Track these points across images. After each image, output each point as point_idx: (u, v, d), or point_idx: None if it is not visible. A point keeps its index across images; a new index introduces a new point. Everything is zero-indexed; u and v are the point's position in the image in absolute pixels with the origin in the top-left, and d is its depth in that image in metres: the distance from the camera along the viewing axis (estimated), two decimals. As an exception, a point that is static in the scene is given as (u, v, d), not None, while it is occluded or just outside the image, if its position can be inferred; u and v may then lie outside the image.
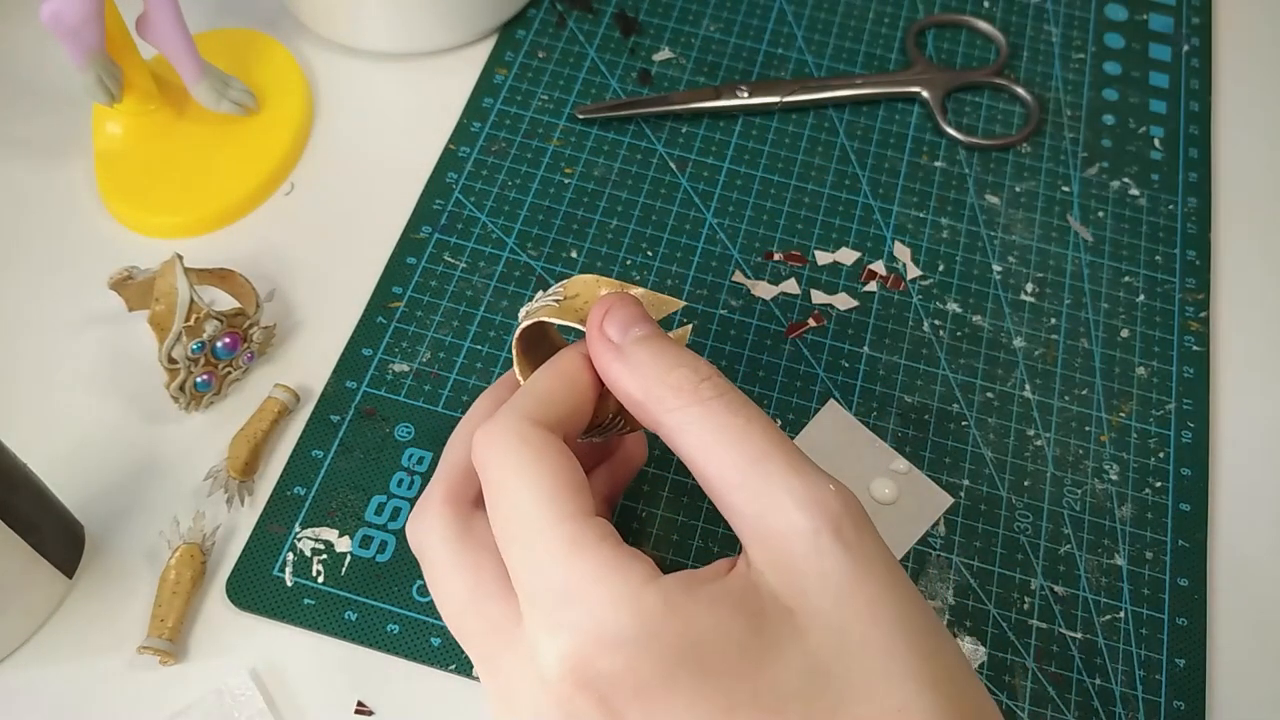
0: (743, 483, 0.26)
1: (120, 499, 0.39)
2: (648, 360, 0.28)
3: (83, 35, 0.40)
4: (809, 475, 0.26)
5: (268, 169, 0.45)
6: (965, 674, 0.25)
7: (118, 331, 0.42)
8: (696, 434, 0.26)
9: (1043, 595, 0.38)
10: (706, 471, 0.26)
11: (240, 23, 0.50)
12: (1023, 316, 0.43)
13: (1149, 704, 0.36)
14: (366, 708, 0.35)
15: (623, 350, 0.28)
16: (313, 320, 0.43)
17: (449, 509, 0.29)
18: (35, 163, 0.46)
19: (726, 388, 0.27)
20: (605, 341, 0.28)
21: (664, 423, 0.27)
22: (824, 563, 0.25)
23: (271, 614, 0.36)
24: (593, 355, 0.29)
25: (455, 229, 0.45)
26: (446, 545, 0.28)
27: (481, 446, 0.27)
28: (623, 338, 0.28)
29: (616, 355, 0.28)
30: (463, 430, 0.31)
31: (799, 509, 0.25)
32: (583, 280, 0.31)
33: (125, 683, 0.35)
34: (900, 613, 0.25)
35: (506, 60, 0.49)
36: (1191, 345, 0.43)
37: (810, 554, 0.25)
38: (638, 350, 0.28)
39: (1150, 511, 0.39)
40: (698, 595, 0.25)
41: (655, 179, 0.46)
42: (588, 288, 0.30)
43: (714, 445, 0.26)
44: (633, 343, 0.28)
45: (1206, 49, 0.52)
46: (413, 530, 0.30)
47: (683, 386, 0.27)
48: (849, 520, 0.25)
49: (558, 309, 0.30)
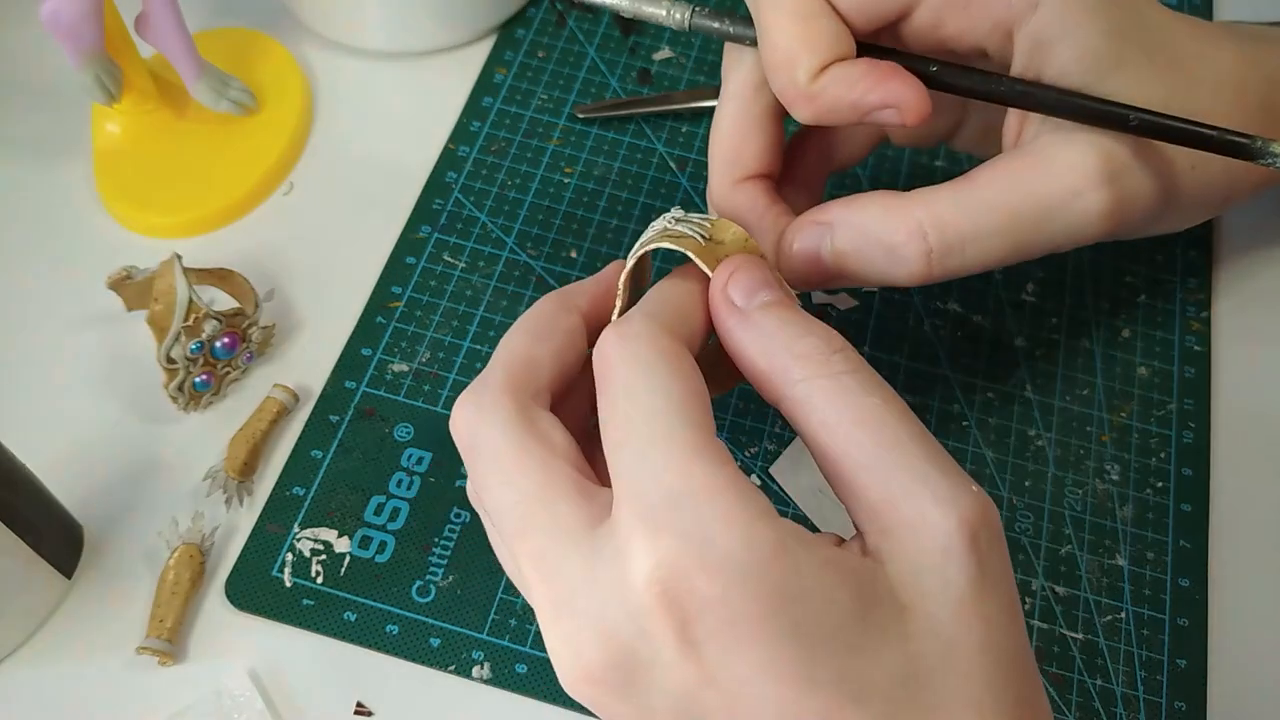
0: (872, 465, 0.24)
1: (119, 499, 0.38)
2: (774, 328, 0.26)
3: (81, 35, 0.40)
4: (951, 473, 0.24)
5: (267, 168, 0.45)
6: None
7: (116, 331, 0.42)
8: (824, 408, 0.25)
9: (1043, 596, 0.38)
10: (831, 449, 0.25)
11: (240, 22, 0.50)
12: (1024, 316, 0.43)
13: (1150, 704, 0.36)
14: (366, 708, 0.35)
15: (747, 315, 0.27)
16: (312, 320, 0.43)
17: (511, 399, 0.26)
18: (34, 162, 0.46)
19: (860, 363, 0.26)
20: (729, 305, 0.27)
21: (788, 395, 0.26)
22: (950, 569, 0.23)
23: (270, 615, 0.36)
24: (715, 318, 0.27)
25: (455, 229, 0.45)
26: (512, 435, 0.26)
27: (611, 345, 0.25)
28: (748, 302, 0.27)
29: (741, 320, 0.27)
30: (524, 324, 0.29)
31: (937, 505, 0.23)
32: (733, 230, 0.29)
33: (124, 683, 0.35)
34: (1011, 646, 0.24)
35: (506, 59, 0.49)
36: (1193, 345, 0.43)
37: (938, 556, 0.23)
38: (764, 317, 0.27)
39: (1151, 512, 0.39)
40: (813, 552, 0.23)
41: (655, 178, 0.46)
42: (736, 241, 0.29)
43: (843, 422, 0.25)
44: (759, 308, 0.27)
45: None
46: (466, 419, 0.27)
47: (812, 356, 0.25)
48: (986, 531, 0.24)
49: (702, 248, 0.28)
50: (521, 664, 0.36)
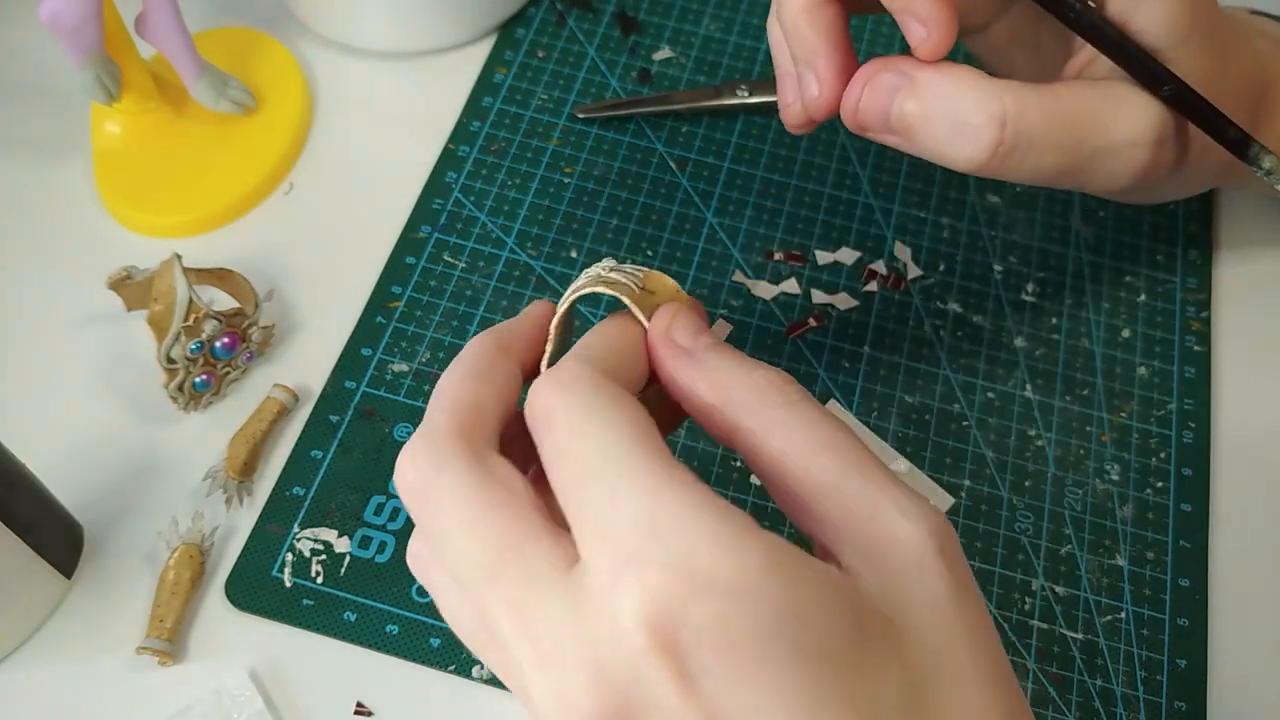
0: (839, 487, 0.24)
1: (119, 499, 0.38)
2: (725, 365, 0.26)
3: (82, 35, 0.40)
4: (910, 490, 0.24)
5: (267, 168, 0.45)
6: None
7: (116, 331, 0.42)
8: (784, 437, 0.25)
9: (1044, 596, 0.38)
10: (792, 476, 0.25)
11: (239, 22, 0.50)
12: (1024, 316, 0.43)
13: (1150, 704, 0.36)
14: (366, 708, 0.35)
15: (694, 354, 0.27)
16: (312, 320, 0.43)
17: (464, 444, 0.25)
18: (34, 162, 0.46)
19: (808, 394, 0.26)
20: (673, 346, 0.27)
21: (744, 426, 0.25)
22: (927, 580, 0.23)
23: (270, 614, 0.36)
24: (657, 360, 0.27)
25: (455, 228, 0.45)
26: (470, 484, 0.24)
27: (549, 393, 0.25)
28: (693, 344, 0.27)
29: (689, 359, 0.27)
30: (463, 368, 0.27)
31: (907, 520, 0.23)
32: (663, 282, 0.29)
33: (124, 683, 0.35)
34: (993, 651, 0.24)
35: (506, 59, 0.49)
36: (1193, 345, 0.43)
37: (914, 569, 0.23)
38: (712, 356, 0.26)
39: (1151, 512, 0.39)
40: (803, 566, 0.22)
41: (655, 178, 0.46)
42: (665, 293, 0.29)
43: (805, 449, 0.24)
44: (704, 349, 0.27)
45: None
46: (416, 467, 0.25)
47: (766, 388, 0.25)
48: (950, 541, 0.24)
49: (637, 295, 0.28)
50: (521, 664, 0.36)
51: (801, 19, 0.33)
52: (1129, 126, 0.32)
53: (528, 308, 0.30)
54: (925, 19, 0.31)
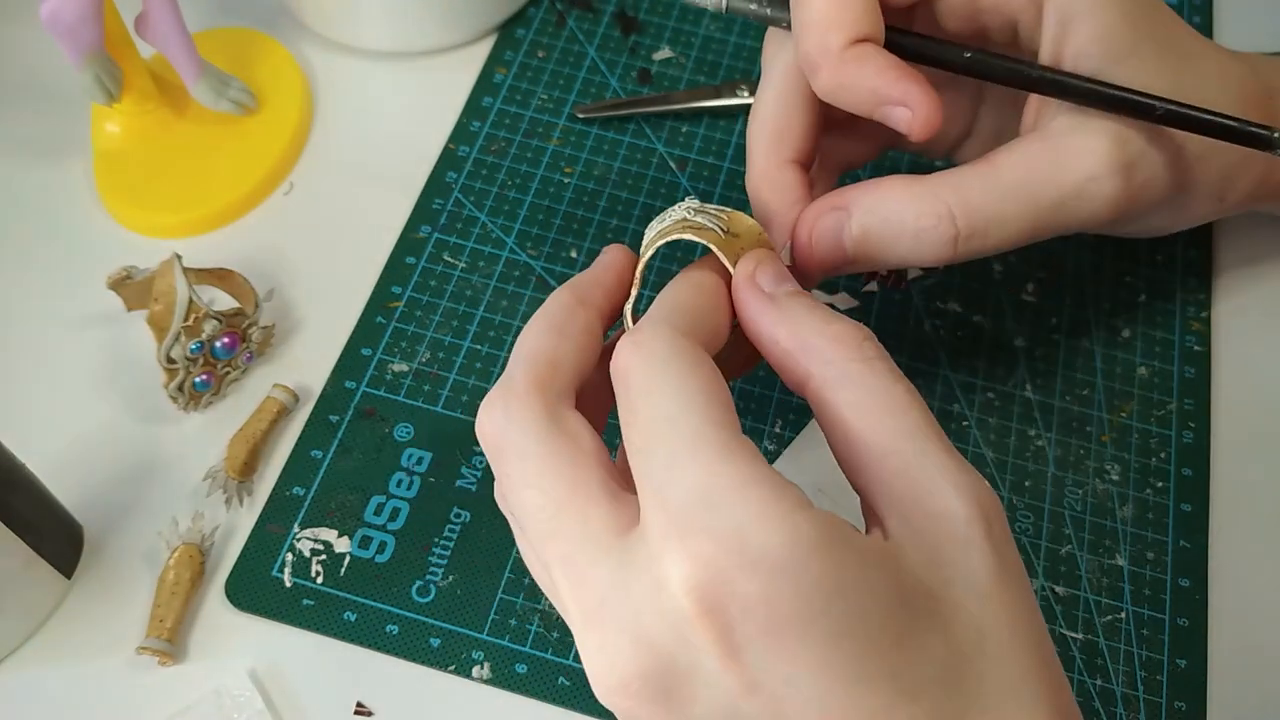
0: (895, 451, 0.24)
1: (119, 499, 0.39)
2: (804, 312, 0.26)
3: (81, 35, 0.40)
4: (965, 464, 0.24)
5: (267, 168, 0.45)
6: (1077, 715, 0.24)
7: (116, 331, 0.42)
8: (853, 391, 0.25)
9: (1043, 596, 0.38)
10: (854, 432, 0.25)
11: (239, 22, 0.50)
12: (1023, 316, 0.43)
13: (1150, 704, 0.36)
14: (366, 708, 0.35)
15: (776, 299, 0.27)
16: (312, 320, 0.43)
17: (539, 399, 0.26)
18: (34, 162, 0.46)
19: (885, 352, 0.26)
20: (756, 290, 0.27)
21: (817, 374, 0.26)
22: (972, 557, 0.23)
23: (271, 615, 0.36)
24: (740, 303, 0.28)
25: (455, 228, 0.45)
26: (540, 437, 0.25)
27: (628, 354, 0.25)
28: (776, 289, 0.27)
29: (770, 303, 0.27)
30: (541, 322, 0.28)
31: (957, 495, 0.24)
32: (748, 224, 0.29)
33: (124, 683, 0.35)
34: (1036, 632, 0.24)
35: (506, 59, 0.49)
36: (1193, 345, 0.43)
37: (959, 544, 0.23)
38: (794, 303, 0.27)
39: (1151, 512, 0.39)
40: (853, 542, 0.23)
41: (655, 178, 0.46)
42: (750, 235, 0.29)
43: (870, 407, 0.25)
44: (787, 295, 0.27)
45: (1208, 48, 0.52)
46: (493, 421, 0.26)
47: (845, 339, 0.26)
48: (998, 521, 0.24)
49: (721, 240, 0.28)
50: (521, 664, 0.36)
51: (762, 185, 0.34)
52: (1079, 165, 0.31)
53: (605, 254, 0.31)
54: (901, 98, 0.30)
